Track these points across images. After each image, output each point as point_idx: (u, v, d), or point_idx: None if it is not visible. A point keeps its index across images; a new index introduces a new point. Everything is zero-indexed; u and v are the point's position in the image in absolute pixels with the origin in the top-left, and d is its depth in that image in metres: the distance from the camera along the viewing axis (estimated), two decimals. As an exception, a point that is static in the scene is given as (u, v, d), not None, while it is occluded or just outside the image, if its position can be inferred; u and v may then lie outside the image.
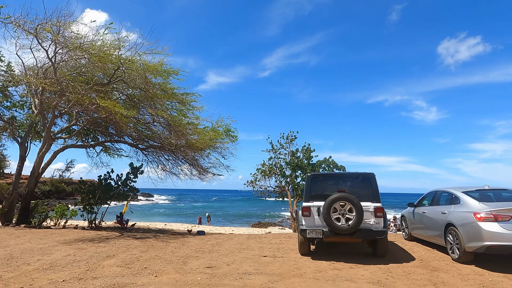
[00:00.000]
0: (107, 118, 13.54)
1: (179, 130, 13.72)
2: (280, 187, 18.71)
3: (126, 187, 18.47)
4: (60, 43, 11.35)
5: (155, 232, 17.73)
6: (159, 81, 14.25)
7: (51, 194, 55.44)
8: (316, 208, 7.69)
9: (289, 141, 18.79)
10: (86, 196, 17.65)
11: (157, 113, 12.75)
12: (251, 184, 19.11)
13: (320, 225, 7.62)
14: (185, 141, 15.08)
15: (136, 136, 15.49)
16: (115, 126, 15.28)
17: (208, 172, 17.39)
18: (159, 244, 9.68)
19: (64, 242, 9.48)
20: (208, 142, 15.96)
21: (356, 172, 8.01)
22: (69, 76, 12.29)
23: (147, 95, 13.57)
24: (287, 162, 18.25)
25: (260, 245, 9.43)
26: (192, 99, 14.74)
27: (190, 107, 14.90)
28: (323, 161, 18.14)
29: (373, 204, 7.55)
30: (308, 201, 7.88)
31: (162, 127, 14.52)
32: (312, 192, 7.95)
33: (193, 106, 14.94)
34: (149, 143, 17.02)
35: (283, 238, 10.73)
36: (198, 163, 17.25)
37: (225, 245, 9.46)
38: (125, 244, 9.35)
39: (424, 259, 7.58)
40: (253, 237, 11.19)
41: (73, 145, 15.86)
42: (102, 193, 17.84)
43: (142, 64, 12.62)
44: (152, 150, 17.64)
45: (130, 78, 13.18)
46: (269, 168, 18.77)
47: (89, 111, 13.25)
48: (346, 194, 7.37)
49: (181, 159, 17.54)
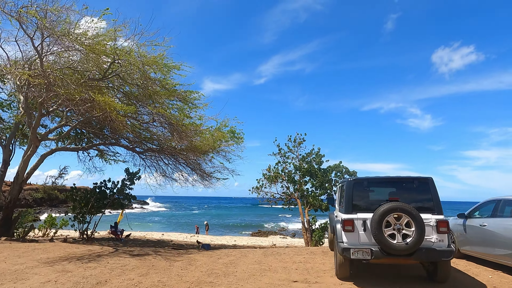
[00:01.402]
0: (101, 118, 11.82)
1: (181, 130, 12.02)
2: (287, 194, 17.02)
3: (122, 195, 16.72)
4: (46, 28, 9.64)
5: (153, 244, 15.91)
6: (159, 76, 12.57)
7: (43, 202, 53.09)
8: (361, 221, 6.04)
9: (297, 144, 17.15)
10: (78, 204, 15.93)
11: (157, 111, 11.04)
12: (257, 190, 17.40)
13: (368, 243, 5.96)
14: (188, 143, 13.39)
15: (133, 138, 13.75)
16: (110, 127, 13.55)
17: (211, 177, 15.66)
18: (161, 263, 7.92)
19: (46, 262, 7.69)
20: (212, 144, 14.27)
21: (409, 176, 6.36)
22: (58, 70, 10.60)
23: (145, 92, 11.90)
24: (296, 167, 16.59)
25: (283, 265, 7.72)
26: (195, 97, 13.04)
27: (193, 105, 13.19)
28: (334, 166, 16.52)
29: (435, 217, 5.91)
30: (350, 212, 6.22)
31: (163, 127, 12.79)
32: (355, 201, 6.29)
33: (195, 105, 13.23)
34: (147, 146, 15.28)
35: (305, 255, 9.03)
36: (201, 167, 15.53)
37: (240, 265, 7.73)
38: (120, 265, 7.58)
39: (498, 286, 5.94)
40: (270, 253, 9.46)
41: (63, 148, 14.05)
42: (96, 201, 16.13)
43: (141, 56, 10.94)
44: (150, 153, 15.89)
45: (126, 71, 11.51)
46: (275, 173, 17.08)
47: (80, 109, 11.54)
48: (403, 204, 5.73)
49: (182, 163, 15.81)
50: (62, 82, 10.38)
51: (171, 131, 12.28)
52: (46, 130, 14.21)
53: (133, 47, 11.35)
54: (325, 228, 15.21)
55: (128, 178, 16.10)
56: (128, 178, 16.10)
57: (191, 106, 13.46)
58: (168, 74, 12.66)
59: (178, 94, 12.94)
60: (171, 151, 14.59)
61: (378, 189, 6.64)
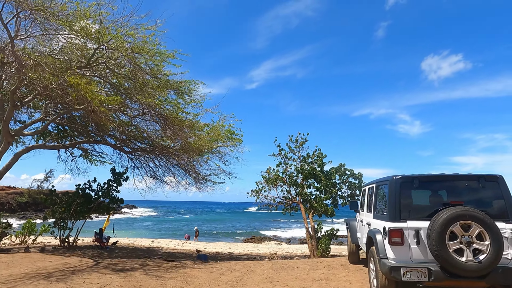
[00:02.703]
0: (84, 111, 10.19)
1: (175, 124, 10.44)
2: (288, 198, 15.51)
3: (108, 197, 15.05)
4: (18, 0, 8.04)
5: (142, 253, 14.22)
6: (151, 65, 10.99)
7: (28, 206, 50.60)
8: (413, 232, 4.58)
9: (299, 144, 15.64)
10: (58, 209, 14.26)
11: (148, 100, 9.44)
12: (255, 194, 15.83)
13: (423, 260, 4.51)
14: (182, 141, 11.82)
15: (120, 136, 12.11)
16: (94, 122, 11.93)
17: (207, 180, 14.09)
18: (151, 283, 6.32)
19: (5, 282, 6.04)
20: (208, 144, 12.73)
21: (473, 174, 4.92)
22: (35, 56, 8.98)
23: (136, 85, 10.31)
24: (298, 169, 15.11)
25: (301, 284, 6.20)
26: (192, 88, 11.41)
27: (189, 96, 11.57)
28: (337, 169, 15.07)
29: (510, 226, 4.51)
30: (398, 219, 4.75)
31: (154, 122, 11.17)
32: (404, 205, 4.83)
33: (191, 97, 11.60)
34: (136, 145, 13.65)
35: (323, 269, 7.52)
36: (195, 169, 13.94)
37: (249, 284, 6.19)
38: (98, 285, 5.97)
39: None
40: (280, 267, 7.92)
41: (40, 146, 12.32)
42: (79, 205, 14.47)
43: (129, 35, 9.37)
44: (139, 153, 14.26)
45: (113, 57, 9.93)
46: (274, 176, 15.55)
47: (59, 100, 9.92)
48: (473, 210, 4.30)
49: (174, 164, 14.21)
50: (36, 66, 8.76)
51: (163, 126, 10.68)
52: (22, 126, 12.48)
53: (120, 29, 9.80)
54: (332, 235, 13.74)
55: (115, 179, 14.45)
56: (115, 179, 14.45)
57: (188, 101, 11.86)
58: (161, 64, 11.09)
59: (172, 85, 11.35)
60: (163, 150, 13.01)
61: (433, 190, 5.18)
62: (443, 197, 4.99)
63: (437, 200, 4.95)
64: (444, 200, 4.88)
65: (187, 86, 11.65)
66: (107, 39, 9.12)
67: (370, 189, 6.30)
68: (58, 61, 9.30)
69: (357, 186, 15.00)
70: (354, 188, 15.03)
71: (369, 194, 6.47)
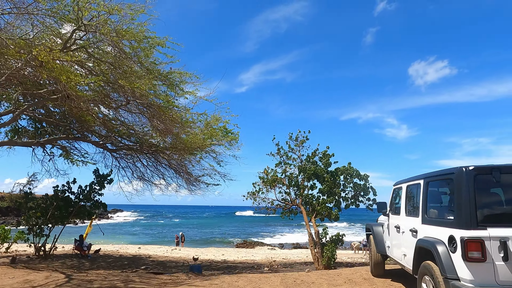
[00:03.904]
0: (58, 100, 8.68)
1: (164, 114, 9.00)
2: (288, 200, 14.18)
3: (90, 201, 13.53)
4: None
5: (127, 262, 12.71)
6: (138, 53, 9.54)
7: (9, 211, 48.13)
8: (498, 243, 3.30)
9: (300, 143, 14.32)
10: (33, 214, 12.73)
11: (133, 86, 7.98)
12: (253, 196, 14.46)
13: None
14: (173, 138, 10.41)
15: (103, 129, 10.62)
16: (72, 114, 10.44)
17: (200, 181, 12.66)
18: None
19: None
20: (202, 142, 11.29)
21: None
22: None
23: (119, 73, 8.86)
24: (300, 169, 13.80)
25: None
26: (185, 81, 9.95)
27: (180, 89, 10.13)
28: (344, 169, 13.79)
29: None
30: (475, 226, 3.45)
31: (141, 114, 9.69)
32: (482, 206, 3.53)
33: (183, 90, 10.16)
34: (122, 143, 12.17)
35: (345, 285, 6.19)
36: (187, 169, 12.51)
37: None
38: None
39: None
40: (292, 283, 6.56)
41: (9, 142, 10.72)
42: (57, 210, 12.94)
43: (113, 13, 7.93)
44: (125, 152, 12.77)
45: (94, 40, 8.48)
46: (273, 177, 14.19)
47: (29, 86, 8.44)
48: None
49: (164, 164, 12.76)
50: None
51: (150, 117, 9.21)
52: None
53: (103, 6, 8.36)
54: (338, 241, 12.46)
55: (97, 182, 12.93)
56: (97, 182, 12.93)
57: (179, 93, 10.39)
58: (150, 51, 9.63)
59: (161, 76, 9.91)
60: (151, 148, 11.57)
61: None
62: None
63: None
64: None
65: (178, 78, 10.20)
66: (86, 15, 7.69)
67: (412, 187, 5.01)
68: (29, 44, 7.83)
69: (362, 188, 13.80)
70: (359, 190, 13.83)
71: (408, 194, 5.18)
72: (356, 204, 13.90)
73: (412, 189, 5.05)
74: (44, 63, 6.57)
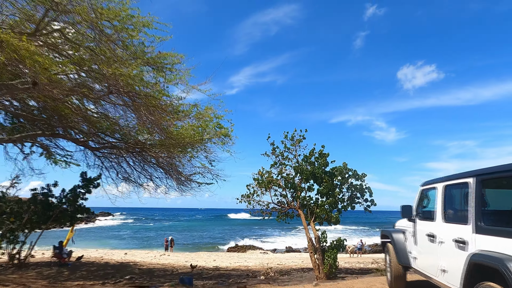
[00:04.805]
0: (28, 90, 7.55)
1: (152, 105, 7.93)
2: (284, 203, 13.20)
3: (73, 206, 12.42)
4: None
5: (111, 270, 11.58)
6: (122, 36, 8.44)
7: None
8: None
9: (296, 142, 13.37)
10: (6, 219, 11.59)
11: (114, 72, 6.89)
12: (247, 199, 13.43)
13: None
14: (161, 132, 9.34)
15: (83, 124, 9.50)
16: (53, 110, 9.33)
17: (191, 180, 11.58)
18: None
19: None
20: (192, 137, 10.19)
21: None
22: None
23: (101, 60, 7.77)
24: (297, 170, 12.84)
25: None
26: (178, 70, 8.82)
27: (170, 74, 8.94)
28: (340, 169, 12.89)
29: None
30: None
31: (125, 106, 8.59)
32: None
33: (173, 75, 8.97)
34: (105, 140, 11.04)
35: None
36: (177, 168, 11.43)
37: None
38: None
39: None
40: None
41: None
42: (35, 214, 11.84)
43: None
44: (109, 150, 11.64)
45: (70, 22, 7.39)
46: (268, 179, 13.18)
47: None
48: None
49: (152, 163, 11.67)
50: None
51: (136, 108, 8.11)
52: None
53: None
54: (339, 246, 11.52)
55: (83, 185, 11.82)
56: (83, 185, 11.82)
57: (168, 79, 9.20)
58: (135, 34, 8.52)
59: (150, 60, 8.76)
60: (137, 145, 10.48)
61: None
62: None
63: None
64: None
65: (168, 60, 9.04)
66: None
67: (454, 187, 4.07)
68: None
69: (358, 189, 12.94)
70: (356, 190, 12.96)
71: (448, 195, 4.24)
72: (352, 206, 13.04)
73: (454, 189, 4.11)
74: (4, 43, 5.48)
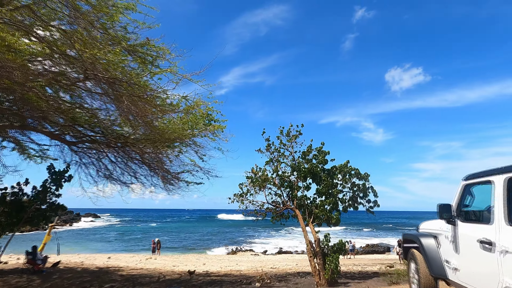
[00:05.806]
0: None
1: (135, 94, 6.83)
2: (279, 203, 12.21)
3: (45, 203, 11.17)
4: None
5: (90, 279, 10.37)
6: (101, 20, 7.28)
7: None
8: None
9: (293, 138, 12.38)
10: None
11: (92, 53, 5.77)
12: (239, 198, 12.39)
13: None
14: (145, 125, 8.22)
15: (56, 114, 8.31)
16: (20, 97, 8.10)
17: (179, 179, 10.47)
18: None
19: None
20: (181, 131, 9.10)
21: None
22: None
23: (76, 40, 6.64)
24: (294, 167, 11.86)
25: None
26: (167, 59, 7.67)
27: (155, 66, 7.86)
28: (340, 167, 11.96)
29: None
30: None
31: (105, 95, 7.43)
32: None
33: (158, 66, 7.89)
34: (82, 133, 9.85)
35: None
36: (164, 165, 10.31)
37: None
38: None
39: None
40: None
41: None
42: (5, 216, 10.60)
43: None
44: (88, 145, 10.45)
45: None
46: (262, 177, 12.16)
47: None
48: None
49: (136, 159, 10.52)
50: None
51: (117, 97, 7.00)
52: None
53: None
54: (341, 250, 10.58)
55: (52, 180, 10.57)
56: (52, 180, 10.57)
57: (154, 71, 8.09)
58: (116, 16, 7.39)
59: (132, 48, 7.66)
60: (119, 140, 9.34)
61: None
62: None
63: None
64: None
65: (154, 51, 7.92)
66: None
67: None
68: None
69: (361, 189, 12.03)
70: (358, 190, 12.05)
71: (511, 191, 3.28)
72: (355, 207, 12.14)
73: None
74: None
